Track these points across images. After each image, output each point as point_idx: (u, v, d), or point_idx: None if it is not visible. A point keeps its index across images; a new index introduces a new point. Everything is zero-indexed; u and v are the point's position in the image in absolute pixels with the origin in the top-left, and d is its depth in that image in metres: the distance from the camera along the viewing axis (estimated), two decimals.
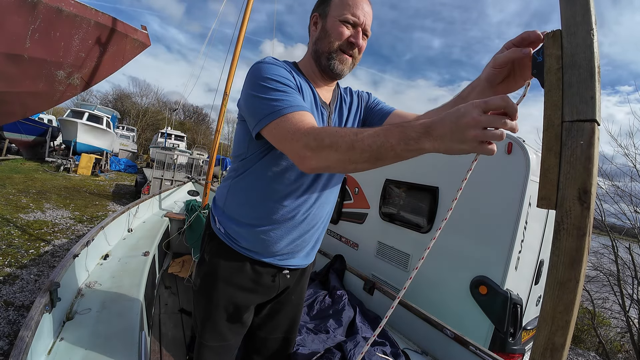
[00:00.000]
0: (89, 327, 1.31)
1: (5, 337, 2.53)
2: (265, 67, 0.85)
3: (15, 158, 12.19)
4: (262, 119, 0.80)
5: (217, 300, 1.03)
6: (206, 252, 1.06)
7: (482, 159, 0.70)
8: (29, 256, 4.01)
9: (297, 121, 0.75)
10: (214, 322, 1.05)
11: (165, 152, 8.72)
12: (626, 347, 6.28)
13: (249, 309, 1.09)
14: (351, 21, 0.91)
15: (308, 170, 0.75)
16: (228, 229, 1.02)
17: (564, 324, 0.51)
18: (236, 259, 1.02)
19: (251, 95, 0.84)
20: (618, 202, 5.94)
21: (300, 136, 0.72)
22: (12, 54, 2.76)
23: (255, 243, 1.00)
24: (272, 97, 0.79)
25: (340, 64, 0.95)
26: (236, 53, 3.77)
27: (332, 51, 0.93)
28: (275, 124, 0.77)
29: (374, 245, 2.96)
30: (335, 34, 0.91)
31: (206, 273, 1.04)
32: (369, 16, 0.94)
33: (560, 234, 0.53)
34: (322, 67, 0.97)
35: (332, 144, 0.68)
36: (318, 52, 0.96)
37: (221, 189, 1.08)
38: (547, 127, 0.55)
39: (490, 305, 2.06)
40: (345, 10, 0.90)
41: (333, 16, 0.92)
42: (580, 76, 0.51)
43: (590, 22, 0.51)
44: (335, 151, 0.68)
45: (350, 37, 0.92)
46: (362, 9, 0.91)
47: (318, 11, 0.97)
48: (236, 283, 1.03)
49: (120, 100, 33.54)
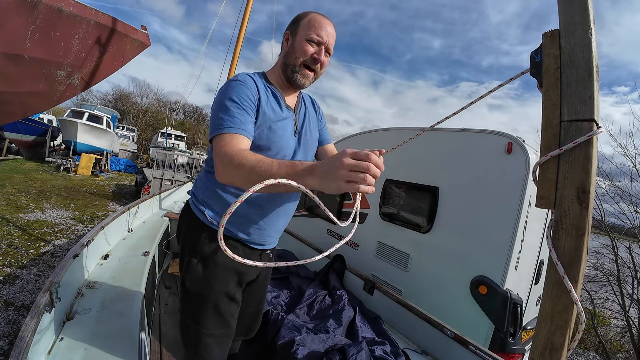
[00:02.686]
0: (89, 327, 1.31)
1: (5, 337, 2.53)
2: (233, 86, 1.01)
3: (15, 158, 12.20)
4: (212, 130, 0.98)
5: (218, 288, 1.11)
6: (200, 245, 1.12)
7: (482, 159, 0.70)
8: (29, 256, 4.01)
9: (227, 142, 0.91)
10: (217, 308, 1.12)
11: (165, 152, 8.72)
12: (626, 347, 6.28)
13: (240, 290, 1.21)
14: (315, 40, 1.07)
15: (221, 181, 0.91)
16: (219, 219, 1.10)
17: (562, 324, 0.51)
18: (231, 247, 1.10)
19: (214, 108, 1.02)
20: (618, 202, 5.94)
21: (222, 154, 0.88)
22: (12, 54, 2.76)
23: (245, 230, 1.14)
24: (223, 117, 0.96)
25: (302, 78, 1.12)
26: (236, 53, 3.78)
27: (296, 65, 1.10)
28: (217, 138, 0.94)
29: (374, 245, 2.96)
30: (302, 51, 1.08)
31: (205, 264, 1.12)
32: (332, 37, 1.10)
33: (559, 234, 0.53)
34: (287, 78, 1.14)
35: (239, 165, 0.82)
36: (286, 64, 1.12)
37: (204, 185, 1.17)
38: (545, 127, 0.55)
39: (490, 305, 2.06)
40: (311, 30, 1.07)
41: (301, 35, 1.08)
42: (578, 76, 0.51)
43: (588, 22, 0.51)
44: (239, 170, 0.82)
45: (314, 54, 1.08)
46: (325, 31, 1.08)
47: (290, 29, 1.13)
48: (232, 267, 1.13)
49: (120, 100, 33.51)
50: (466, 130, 2.42)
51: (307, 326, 1.82)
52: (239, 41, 4.12)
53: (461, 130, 2.45)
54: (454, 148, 2.47)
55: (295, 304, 2.14)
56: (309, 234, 3.55)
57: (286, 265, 0.77)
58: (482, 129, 2.31)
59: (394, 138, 2.96)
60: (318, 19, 1.09)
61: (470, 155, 2.34)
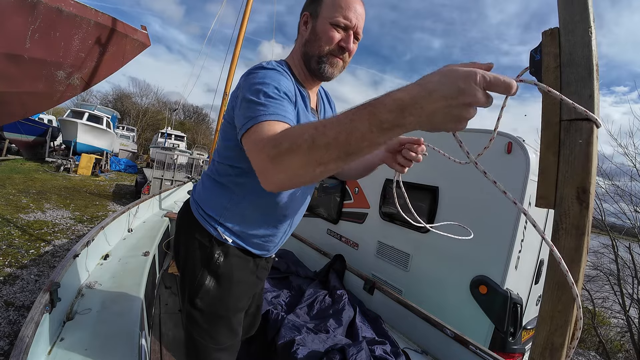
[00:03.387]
0: (89, 327, 1.31)
1: (6, 337, 2.53)
2: (271, 75, 0.80)
3: (15, 158, 12.19)
4: (243, 124, 0.71)
5: (234, 305, 1.05)
6: (213, 262, 1.01)
7: (482, 158, 0.70)
8: (29, 256, 4.01)
9: (267, 130, 0.65)
10: (230, 324, 1.05)
11: (166, 152, 8.73)
12: (626, 347, 6.28)
13: (250, 301, 1.17)
14: (342, 24, 0.87)
15: (273, 189, 0.63)
16: (233, 237, 1.03)
17: (562, 324, 0.51)
18: (246, 260, 1.07)
19: (243, 97, 0.76)
20: (618, 202, 5.94)
21: (263, 146, 0.62)
22: (12, 54, 2.76)
23: (260, 246, 1.08)
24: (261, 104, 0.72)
25: (331, 68, 0.92)
26: (236, 53, 3.78)
27: (322, 55, 0.90)
28: (250, 133, 0.68)
29: (374, 244, 2.96)
30: (326, 38, 0.88)
31: (219, 282, 1.02)
32: (362, 18, 0.89)
33: (559, 234, 0.53)
34: (311, 70, 0.94)
35: (291, 147, 0.56)
36: (308, 55, 0.92)
37: (215, 200, 1.02)
38: (545, 126, 0.55)
39: (490, 305, 2.06)
40: (337, 12, 0.86)
41: (324, 17, 0.88)
42: (578, 74, 0.51)
43: (588, 20, 0.51)
44: (295, 154, 0.56)
45: (341, 42, 0.88)
46: (354, 11, 0.87)
47: (309, 10, 0.92)
48: (247, 282, 1.09)
49: (120, 101, 33.51)
50: (466, 129, 2.42)
51: (307, 326, 1.82)
52: (239, 41, 4.13)
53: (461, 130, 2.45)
54: (454, 147, 2.47)
55: (296, 303, 2.14)
56: (309, 234, 3.55)
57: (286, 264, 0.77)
58: (482, 129, 2.31)
59: None
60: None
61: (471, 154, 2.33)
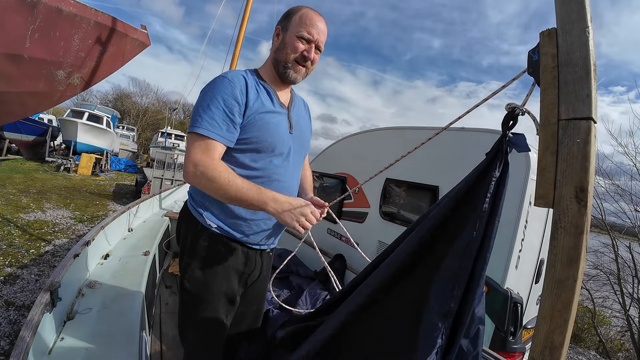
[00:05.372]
0: (90, 326, 1.31)
1: (6, 337, 2.54)
2: (220, 86, 1.01)
3: (16, 158, 12.20)
4: (190, 124, 1.00)
5: (217, 289, 1.11)
6: (199, 247, 1.11)
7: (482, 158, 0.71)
8: (30, 256, 4.02)
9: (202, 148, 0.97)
10: (215, 310, 1.11)
11: (166, 151, 8.71)
12: (626, 346, 6.28)
13: (241, 291, 1.21)
14: (306, 37, 1.06)
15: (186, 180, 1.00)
16: (219, 223, 1.09)
17: (562, 322, 0.51)
18: (231, 248, 1.11)
19: (198, 102, 1.03)
20: (618, 201, 5.94)
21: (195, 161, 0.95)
22: (12, 54, 2.76)
23: (246, 232, 1.12)
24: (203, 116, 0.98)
25: (295, 73, 1.11)
26: (236, 53, 3.78)
27: (288, 62, 1.09)
28: (192, 135, 0.98)
29: (374, 244, 2.96)
30: (292, 47, 1.07)
31: (204, 266, 1.10)
32: (323, 34, 1.09)
33: (557, 233, 0.53)
34: (279, 74, 1.13)
35: (211, 178, 0.93)
36: (277, 60, 1.11)
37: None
38: (543, 126, 0.55)
39: (491, 304, 2.06)
40: (302, 27, 1.06)
41: (292, 31, 1.07)
42: (576, 74, 0.51)
43: (585, 20, 0.51)
44: (211, 183, 0.93)
45: (304, 51, 1.08)
46: (316, 28, 1.07)
47: (281, 25, 1.12)
48: (232, 268, 1.13)
49: (120, 100, 33.49)
50: (466, 129, 2.42)
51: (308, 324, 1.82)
52: (238, 41, 4.13)
53: (461, 130, 2.45)
54: (454, 147, 2.47)
55: (296, 303, 2.14)
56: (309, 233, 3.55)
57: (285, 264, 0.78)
58: (482, 128, 2.31)
59: (392, 138, 2.96)
60: (310, 16, 1.07)
61: (471, 154, 2.33)
